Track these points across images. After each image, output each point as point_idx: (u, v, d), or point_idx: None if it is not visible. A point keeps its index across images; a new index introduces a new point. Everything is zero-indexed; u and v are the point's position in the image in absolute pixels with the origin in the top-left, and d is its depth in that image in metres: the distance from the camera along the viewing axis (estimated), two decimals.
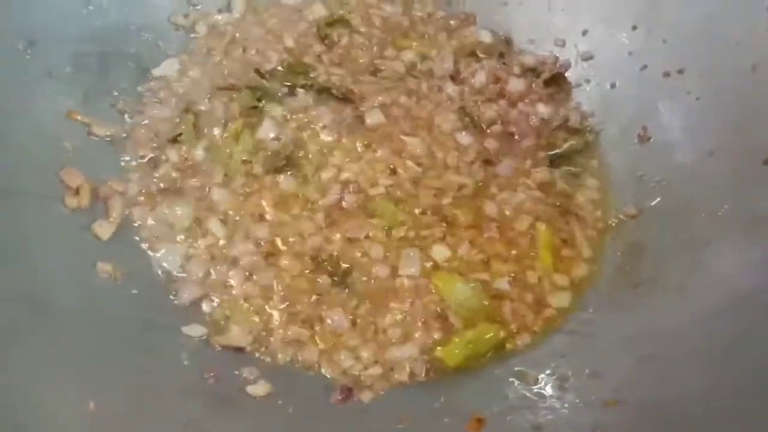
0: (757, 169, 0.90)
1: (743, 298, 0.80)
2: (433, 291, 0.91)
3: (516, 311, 0.92)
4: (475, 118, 1.05)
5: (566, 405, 0.81)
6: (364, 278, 0.90)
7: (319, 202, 0.95)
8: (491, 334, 0.89)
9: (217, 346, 0.83)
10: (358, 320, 0.87)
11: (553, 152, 1.06)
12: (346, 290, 0.89)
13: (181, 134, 0.98)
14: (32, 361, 0.70)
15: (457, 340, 0.88)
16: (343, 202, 0.95)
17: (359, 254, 0.92)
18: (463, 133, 1.03)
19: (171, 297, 0.87)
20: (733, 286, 0.83)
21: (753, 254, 0.84)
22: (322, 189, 0.96)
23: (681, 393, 0.76)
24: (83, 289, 0.79)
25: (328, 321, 0.86)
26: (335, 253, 0.91)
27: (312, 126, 1.02)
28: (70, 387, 0.71)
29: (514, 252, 0.96)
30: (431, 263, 0.93)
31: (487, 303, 0.91)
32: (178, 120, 1.00)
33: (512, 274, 0.94)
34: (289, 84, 1.06)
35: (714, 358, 0.76)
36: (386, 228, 0.94)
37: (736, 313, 0.80)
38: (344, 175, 0.97)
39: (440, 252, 0.93)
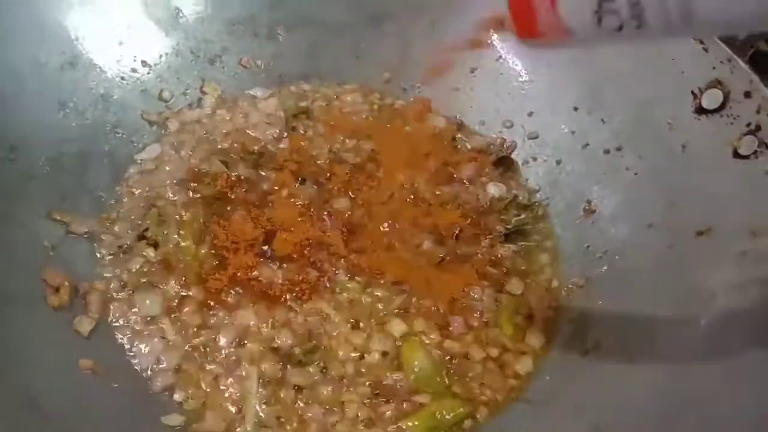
0: (691, 241, 0.97)
1: (682, 371, 0.86)
2: (398, 367, 0.96)
3: (480, 382, 0.97)
4: (431, 202, 1.12)
5: None
6: (334, 360, 0.95)
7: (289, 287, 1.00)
8: (458, 410, 0.93)
9: None
10: (328, 404, 0.92)
11: (507, 228, 1.13)
12: (315, 373, 0.94)
13: (147, 229, 1.03)
14: None
15: (420, 412, 0.92)
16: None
17: (327, 336, 0.97)
18: (420, 216, 1.10)
19: (148, 386, 0.91)
20: (670, 356, 0.89)
21: (691, 328, 0.90)
22: (292, 277, 1.01)
23: None
24: (71, 387, 0.83)
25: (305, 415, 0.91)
26: (304, 339, 0.96)
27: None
28: None
29: (476, 325, 1.02)
30: (395, 337, 0.98)
31: (447, 376, 0.96)
32: (144, 215, 1.05)
33: (478, 345, 1.00)
34: (256, 170, 1.13)
35: (653, 427, 0.83)
36: (353, 306, 1.00)
37: (675, 387, 0.85)
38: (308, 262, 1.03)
39: (399, 326, 0.99)
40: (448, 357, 0.98)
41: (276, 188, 1.11)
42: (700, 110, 1.01)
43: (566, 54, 1.19)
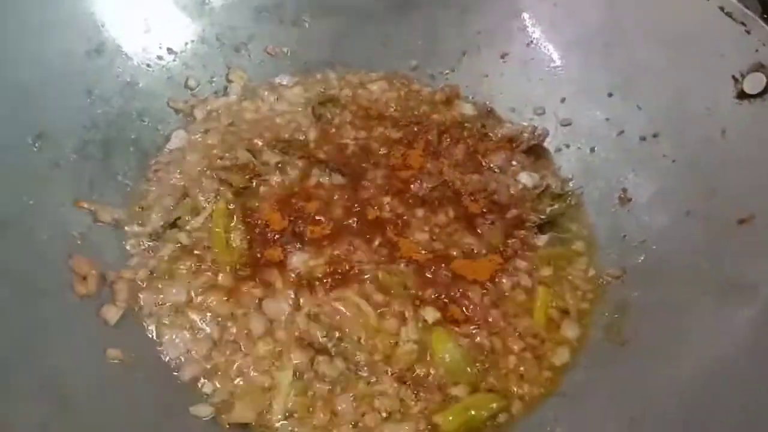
0: (732, 229, 0.94)
1: (720, 362, 0.83)
2: (429, 358, 0.93)
3: (515, 374, 0.95)
4: (462, 191, 1.09)
5: None
6: (363, 350, 0.93)
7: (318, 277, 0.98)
8: (492, 404, 0.91)
9: (226, 425, 0.86)
10: (358, 396, 0.90)
11: (541, 218, 1.10)
12: (345, 364, 0.91)
13: (179, 218, 1.02)
14: None
15: (454, 406, 0.90)
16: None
17: (357, 326, 0.94)
18: (450, 205, 1.08)
19: (176, 376, 0.90)
20: (710, 350, 0.85)
21: (731, 320, 0.87)
22: (321, 267, 1.00)
23: None
24: (96, 377, 0.82)
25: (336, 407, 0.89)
26: (334, 329, 0.94)
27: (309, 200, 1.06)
28: None
29: (510, 316, 0.99)
30: (428, 326, 0.95)
31: (480, 367, 0.94)
32: (176, 204, 1.04)
33: (512, 336, 0.97)
34: (283, 158, 1.11)
35: (691, 422, 0.79)
36: (383, 296, 0.97)
37: (714, 377, 0.82)
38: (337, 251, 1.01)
39: (432, 313, 0.96)
40: (481, 348, 0.96)
41: (304, 177, 1.09)
42: (742, 95, 0.97)
43: (600, 38, 1.16)
